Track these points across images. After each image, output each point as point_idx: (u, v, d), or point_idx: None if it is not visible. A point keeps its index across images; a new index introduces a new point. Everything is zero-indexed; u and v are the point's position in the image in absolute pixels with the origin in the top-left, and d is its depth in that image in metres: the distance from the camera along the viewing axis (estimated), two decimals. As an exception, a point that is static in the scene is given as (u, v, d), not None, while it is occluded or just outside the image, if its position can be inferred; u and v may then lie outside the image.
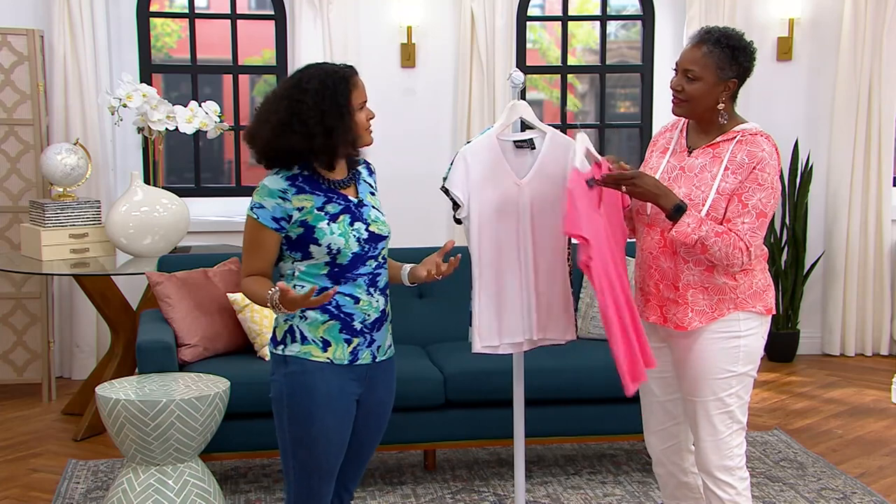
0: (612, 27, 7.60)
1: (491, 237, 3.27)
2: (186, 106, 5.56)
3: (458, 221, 3.30)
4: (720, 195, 3.06)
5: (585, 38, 7.79)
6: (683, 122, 3.25)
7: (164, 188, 5.64)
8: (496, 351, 3.35)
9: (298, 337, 2.88)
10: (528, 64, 6.80)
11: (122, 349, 5.24)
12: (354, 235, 2.89)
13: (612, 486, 4.50)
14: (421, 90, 6.53)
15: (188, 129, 5.51)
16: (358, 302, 2.91)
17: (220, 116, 5.65)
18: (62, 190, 5.59)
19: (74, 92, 5.98)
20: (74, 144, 5.66)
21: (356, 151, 2.96)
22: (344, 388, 2.92)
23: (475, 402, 4.41)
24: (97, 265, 5.39)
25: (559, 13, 6.82)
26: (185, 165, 7.03)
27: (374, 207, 2.99)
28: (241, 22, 6.61)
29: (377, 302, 2.96)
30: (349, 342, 2.90)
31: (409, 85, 6.52)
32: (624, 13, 7.25)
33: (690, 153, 3.18)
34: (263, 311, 4.44)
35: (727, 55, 3.08)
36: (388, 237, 3.00)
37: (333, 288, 2.81)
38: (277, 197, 2.84)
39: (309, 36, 6.27)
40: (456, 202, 3.27)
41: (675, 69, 3.16)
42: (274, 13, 6.54)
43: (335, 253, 2.86)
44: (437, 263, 3.00)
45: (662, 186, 3.07)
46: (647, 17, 6.82)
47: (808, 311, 6.78)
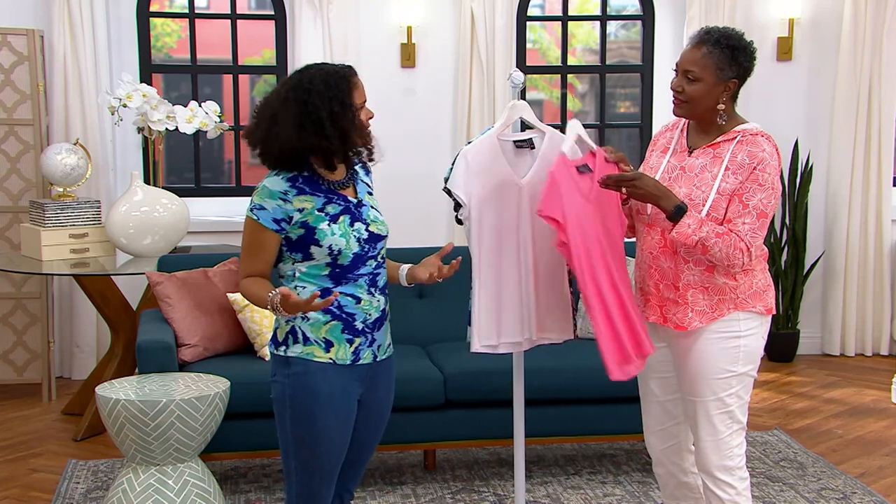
0: (612, 27, 7.59)
1: (491, 237, 3.27)
2: (186, 106, 5.56)
3: (459, 222, 3.30)
4: (721, 195, 3.06)
5: (585, 38, 7.79)
6: (684, 121, 3.25)
7: (164, 188, 5.64)
8: (495, 350, 3.35)
9: (301, 338, 2.88)
10: (528, 64, 6.80)
11: (122, 349, 5.24)
12: (355, 236, 2.88)
13: (612, 486, 4.50)
14: (421, 90, 6.53)
15: (188, 129, 5.50)
16: (359, 302, 2.91)
17: (220, 116, 5.65)
18: (62, 190, 5.59)
19: (74, 92, 5.98)
20: (74, 144, 5.66)
21: (369, 148, 2.95)
22: (346, 388, 2.92)
23: (475, 402, 4.41)
24: (97, 265, 5.39)
25: (559, 13, 6.82)
26: (185, 165, 7.03)
27: (372, 207, 2.99)
28: (241, 22, 6.61)
29: (378, 301, 2.96)
30: (351, 342, 2.90)
31: (409, 85, 6.52)
32: (624, 13, 7.24)
33: (691, 153, 3.17)
34: (263, 311, 4.43)
35: (727, 56, 3.08)
36: (386, 237, 3.00)
37: (335, 293, 2.81)
38: (278, 198, 2.83)
39: (309, 36, 6.27)
40: (458, 202, 3.27)
41: (675, 70, 3.16)
42: (274, 13, 6.54)
43: (336, 254, 2.85)
44: (438, 266, 3.00)
45: (663, 187, 3.07)
46: (647, 17, 6.82)
47: (808, 311, 6.78)
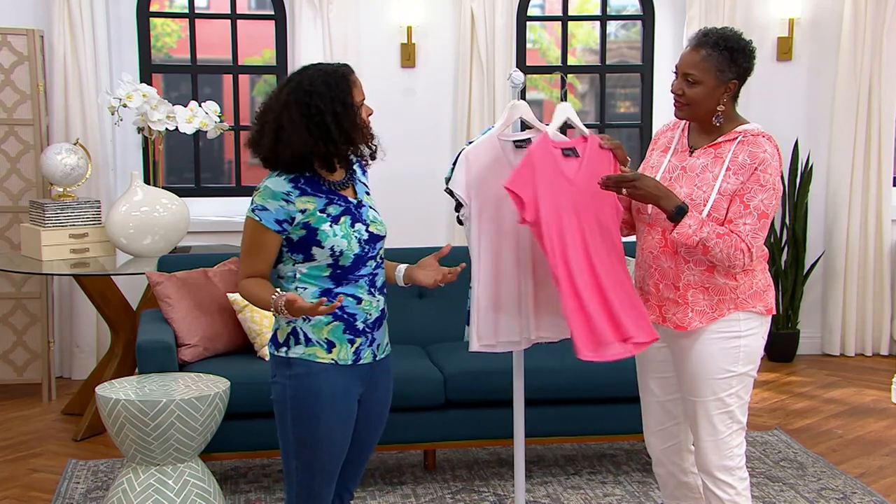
0: (612, 27, 7.59)
1: (491, 236, 3.27)
2: (186, 106, 5.56)
3: (459, 222, 3.30)
4: (722, 196, 3.06)
5: (585, 38, 7.78)
6: (685, 121, 3.25)
7: (164, 188, 5.64)
8: (493, 349, 3.35)
9: (302, 339, 2.88)
10: (528, 64, 6.80)
11: (122, 349, 5.24)
12: (356, 237, 2.88)
13: (612, 486, 4.50)
14: (421, 90, 6.53)
15: (188, 129, 5.50)
16: (360, 302, 2.91)
17: (220, 116, 5.65)
18: (62, 190, 5.59)
19: (74, 92, 5.98)
20: (74, 144, 5.66)
21: (371, 147, 2.95)
22: (348, 388, 2.92)
23: (475, 402, 4.41)
24: (97, 265, 5.39)
25: (559, 13, 6.82)
26: (185, 165, 7.03)
27: (371, 208, 2.99)
28: (241, 22, 6.61)
29: (377, 301, 2.96)
30: (352, 342, 2.90)
31: (409, 85, 6.52)
32: (624, 13, 7.24)
33: (692, 153, 3.17)
34: (264, 311, 4.42)
35: (726, 57, 3.07)
36: (385, 237, 3.00)
37: (340, 297, 2.81)
38: (281, 199, 2.83)
39: (309, 36, 6.27)
40: (460, 202, 3.27)
41: (675, 73, 3.16)
42: (274, 13, 6.54)
43: (338, 255, 2.85)
44: (442, 273, 3.01)
45: (663, 188, 3.07)
46: (647, 17, 6.82)
47: (808, 311, 6.78)
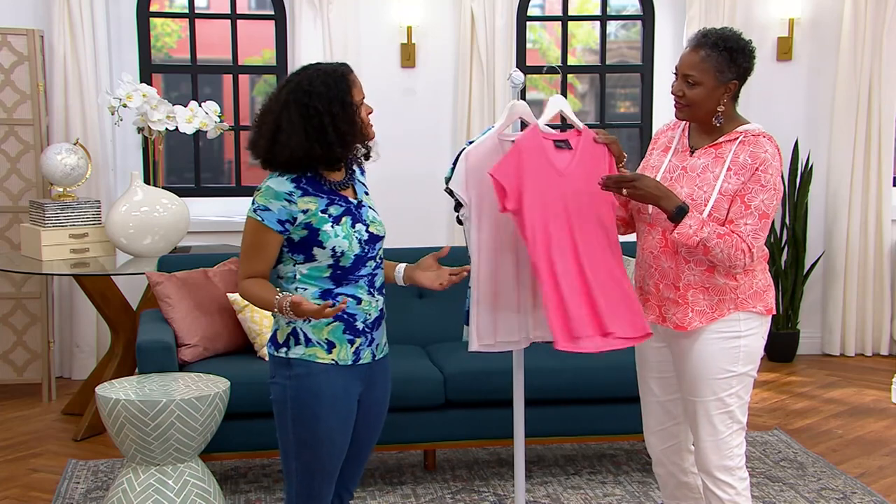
0: (612, 27, 7.59)
1: (490, 236, 3.27)
2: (186, 106, 5.55)
3: (459, 222, 3.30)
4: (723, 196, 3.06)
5: (585, 38, 7.78)
6: (685, 121, 3.25)
7: (164, 188, 5.64)
8: (492, 349, 3.35)
9: (302, 339, 2.87)
10: (528, 64, 6.80)
11: (122, 349, 5.24)
12: (356, 237, 2.88)
13: (612, 486, 4.50)
14: (421, 90, 6.53)
15: (188, 129, 5.50)
16: (360, 302, 2.91)
17: (220, 116, 5.65)
18: (62, 190, 5.59)
19: (74, 92, 5.98)
20: (74, 144, 5.66)
21: (366, 146, 2.96)
22: (348, 388, 2.92)
23: (475, 402, 4.41)
24: (97, 265, 5.39)
25: (559, 13, 6.82)
26: (185, 165, 7.03)
27: (370, 208, 2.99)
28: (241, 22, 6.61)
29: (377, 301, 2.96)
30: (352, 342, 2.90)
31: (409, 85, 6.52)
32: (624, 13, 7.24)
33: (693, 153, 3.17)
34: (264, 311, 4.43)
35: (725, 58, 3.07)
36: (384, 237, 3.00)
37: (344, 299, 2.81)
38: (284, 199, 2.82)
39: (309, 36, 6.27)
40: (460, 202, 3.27)
41: (674, 73, 3.16)
42: (274, 13, 6.54)
43: (339, 255, 2.85)
44: (449, 278, 3.02)
45: (664, 188, 3.07)
46: (647, 17, 6.82)
47: (808, 311, 6.78)
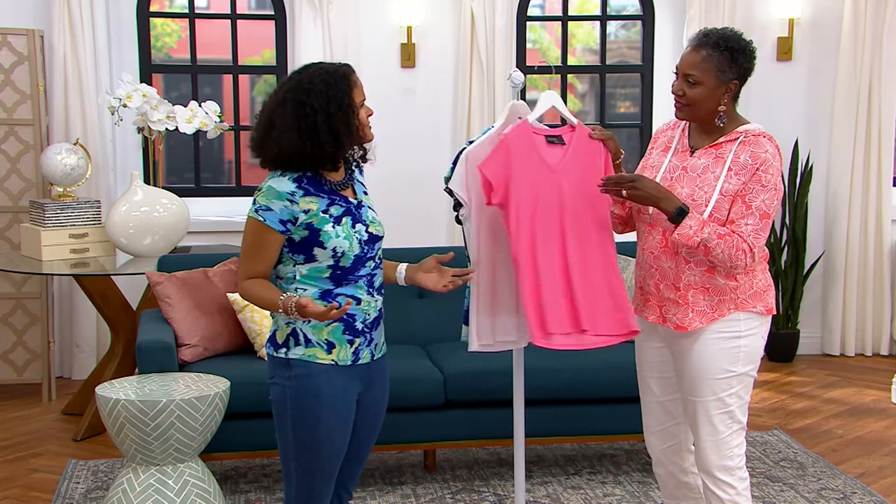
0: (612, 27, 7.59)
1: (489, 236, 3.27)
2: (186, 106, 5.55)
3: (459, 221, 3.30)
4: (723, 196, 3.05)
5: (585, 38, 7.78)
6: (685, 121, 3.25)
7: (164, 188, 5.64)
8: (491, 349, 3.35)
9: (302, 340, 2.87)
10: (527, 64, 6.80)
11: (122, 349, 5.24)
12: (356, 237, 2.88)
13: (612, 486, 4.50)
14: (421, 90, 6.53)
15: (188, 129, 5.50)
16: (359, 303, 2.91)
17: (220, 116, 5.65)
18: (62, 190, 5.59)
19: (74, 92, 5.98)
20: (74, 144, 5.66)
21: (363, 148, 2.96)
22: (347, 388, 2.92)
23: (475, 402, 4.41)
24: (97, 265, 5.39)
25: (559, 13, 6.82)
26: (185, 165, 7.03)
27: (370, 208, 2.99)
28: (241, 22, 6.61)
29: (376, 301, 2.96)
30: (351, 343, 2.90)
31: (409, 85, 6.52)
32: (624, 13, 7.24)
33: (693, 153, 3.17)
34: (264, 311, 4.43)
35: (726, 58, 3.07)
36: (383, 237, 3.00)
37: (348, 301, 2.81)
38: (286, 199, 2.82)
39: (309, 36, 6.27)
40: (460, 202, 3.27)
41: (675, 73, 3.16)
42: (274, 13, 6.54)
43: (339, 256, 2.85)
44: (453, 281, 3.02)
45: (663, 189, 3.06)
46: (647, 17, 6.82)
47: (808, 311, 6.78)
